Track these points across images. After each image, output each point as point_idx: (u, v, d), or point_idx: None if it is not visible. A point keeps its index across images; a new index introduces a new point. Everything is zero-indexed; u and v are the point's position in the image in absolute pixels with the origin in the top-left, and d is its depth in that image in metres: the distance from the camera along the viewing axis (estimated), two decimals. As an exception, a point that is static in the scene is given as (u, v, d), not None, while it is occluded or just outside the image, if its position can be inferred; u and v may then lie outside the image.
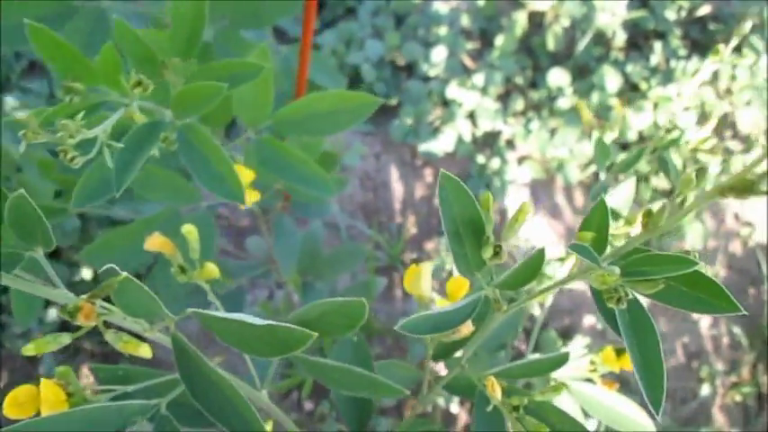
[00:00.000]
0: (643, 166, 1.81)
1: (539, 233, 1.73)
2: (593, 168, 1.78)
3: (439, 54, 1.77)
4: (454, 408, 1.50)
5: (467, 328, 0.58)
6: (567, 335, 1.65)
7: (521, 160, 1.77)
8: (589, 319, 1.70)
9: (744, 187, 0.39)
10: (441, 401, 1.46)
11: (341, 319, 0.60)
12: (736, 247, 1.86)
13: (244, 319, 0.49)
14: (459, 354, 0.85)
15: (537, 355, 0.79)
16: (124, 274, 0.44)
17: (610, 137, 1.76)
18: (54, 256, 1.49)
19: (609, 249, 0.48)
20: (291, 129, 0.60)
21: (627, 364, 0.78)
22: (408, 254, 1.61)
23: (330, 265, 1.16)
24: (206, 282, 1.05)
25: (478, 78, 1.74)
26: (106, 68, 0.49)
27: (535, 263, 0.48)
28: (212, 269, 0.57)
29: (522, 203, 0.52)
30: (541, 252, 0.48)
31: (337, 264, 1.15)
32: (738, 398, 1.75)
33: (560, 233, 1.74)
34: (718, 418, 1.75)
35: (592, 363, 0.83)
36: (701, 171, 0.74)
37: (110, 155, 0.49)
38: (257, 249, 1.30)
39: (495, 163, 1.72)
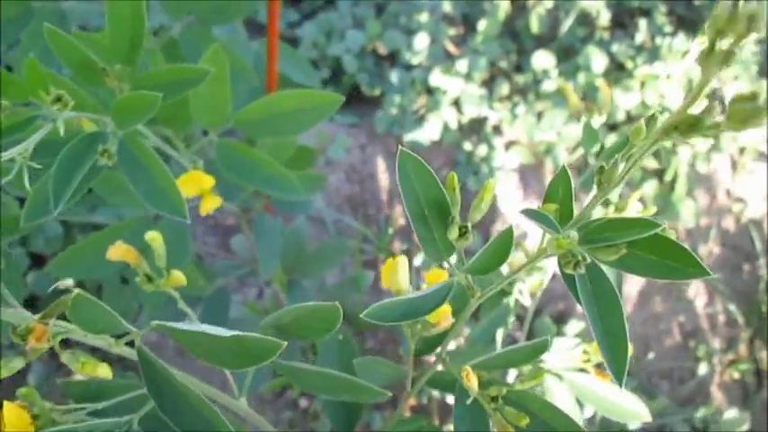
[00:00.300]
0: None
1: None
2: (582, 150, 1.76)
3: (421, 41, 1.74)
4: (451, 398, 1.49)
5: (446, 321, 0.56)
6: (561, 320, 1.64)
7: (508, 146, 1.75)
8: (583, 303, 1.68)
9: (687, 125, 0.37)
10: (436, 393, 1.45)
11: (316, 323, 0.58)
12: (729, 223, 1.85)
13: (208, 330, 0.47)
14: (451, 346, 0.82)
15: (517, 344, 0.77)
16: (77, 290, 0.42)
17: (597, 120, 1.74)
18: (38, 264, 1.47)
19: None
20: (253, 130, 0.58)
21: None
22: (397, 245, 1.60)
23: (315, 261, 1.14)
24: (191, 285, 1.03)
25: (462, 64, 1.72)
26: (32, 82, 0.47)
27: (504, 243, 0.46)
28: (179, 277, 0.54)
29: (487, 182, 0.50)
30: (509, 231, 0.46)
31: (323, 260, 1.13)
32: (736, 375, 1.74)
33: (551, 217, 1.73)
34: (717, 396, 1.74)
35: (585, 353, 0.81)
36: (652, 119, 0.73)
37: (53, 170, 0.47)
38: (242, 248, 1.28)
39: (482, 150, 1.70)
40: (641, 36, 1.82)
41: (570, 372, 0.85)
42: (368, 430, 1.40)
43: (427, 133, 1.67)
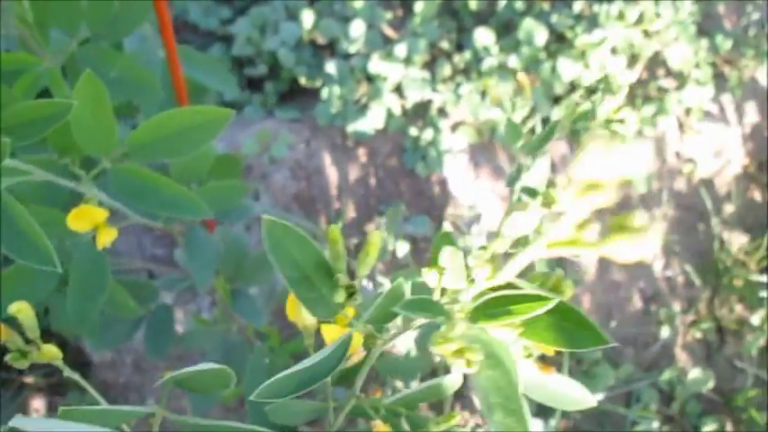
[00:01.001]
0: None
1: (482, 199, 1.70)
2: (530, 124, 1.75)
3: (357, 28, 1.71)
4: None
5: (357, 355, 0.54)
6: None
7: (455, 127, 1.74)
8: (542, 279, 1.68)
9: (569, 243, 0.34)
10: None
11: (212, 380, 0.56)
12: (681, 184, 1.86)
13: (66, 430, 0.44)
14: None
15: (432, 381, 0.73)
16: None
17: (520, 113, 1.73)
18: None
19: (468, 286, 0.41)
20: (145, 154, 0.55)
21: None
22: (350, 239, 1.58)
23: (258, 267, 1.12)
24: (122, 308, 0.99)
25: (401, 49, 1.69)
26: None
27: (395, 295, 0.44)
28: (51, 352, 0.50)
29: (371, 235, 0.47)
30: (399, 285, 0.44)
31: (265, 265, 1.10)
32: (699, 335, 1.76)
33: (504, 196, 1.72)
34: (682, 357, 1.76)
35: (525, 348, 0.80)
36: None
37: None
38: (184, 261, 1.25)
39: (428, 134, 1.68)
40: (579, 5, 1.81)
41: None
42: None
43: (371, 122, 1.64)
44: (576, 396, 0.84)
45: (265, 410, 0.56)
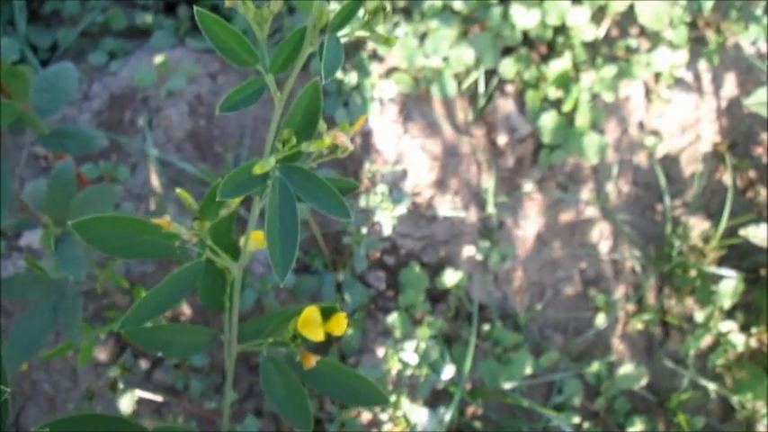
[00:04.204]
0: (531, 72, 1.58)
1: (410, 157, 1.52)
2: (473, 77, 1.56)
3: (285, -48, 1.51)
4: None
5: None
6: (438, 268, 1.47)
7: (387, 73, 1.55)
8: (468, 250, 1.51)
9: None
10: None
11: None
12: (641, 159, 1.66)
13: None
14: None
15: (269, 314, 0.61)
16: None
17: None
18: None
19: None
20: None
21: (336, 326, 0.60)
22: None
23: (85, 208, 0.96)
24: None
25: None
26: None
27: None
28: None
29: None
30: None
31: (89, 208, 0.95)
32: (640, 326, 1.59)
33: (436, 155, 1.54)
34: (619, 348, 1.59)
35: (291, 331, 0.64)
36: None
37: None
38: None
39: (353, 77, 1.49)
40: (544, -55, 1.59)
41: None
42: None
43: (289, 59, 1.46)
44: (366, 390, 0.69)
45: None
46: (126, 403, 1.04)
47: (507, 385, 1.41)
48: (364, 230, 1.36)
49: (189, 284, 0.67)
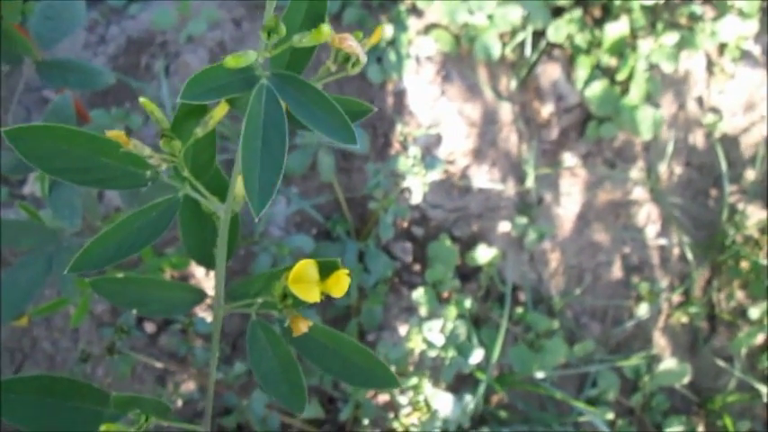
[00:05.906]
0: (583, 36, 1.45)
1: (446, 121, 1.40)
2: (520, 38, 1.43)
3: None
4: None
5: None
6: (470, 244, 1.36)
7: (427, 30, 1.42)
8: (503, 226, 1.39)
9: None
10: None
11: None
12: (698, 138, 1.53)
13: None
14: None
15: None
16: None
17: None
18: None
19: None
20: None
21: (336, 286, 0.49)
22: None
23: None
24: None
25: None
26: None
27: None
28: None
29: None
30: None
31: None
32: (685, 319, 1.47)
33: (474, 121, 1.42)
34: (660, 342, 1.47)
35: (280, 289, 0.53)
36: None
37: None
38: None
39: (389, 31, 1.37)
40: None
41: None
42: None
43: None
44: (378, 373, 0.58)
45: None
46: (123, 368, 0.95)
47: (538, 374, 1.29)
48: (392, 197, 1.25)
49: (160, 225, 0.56)
